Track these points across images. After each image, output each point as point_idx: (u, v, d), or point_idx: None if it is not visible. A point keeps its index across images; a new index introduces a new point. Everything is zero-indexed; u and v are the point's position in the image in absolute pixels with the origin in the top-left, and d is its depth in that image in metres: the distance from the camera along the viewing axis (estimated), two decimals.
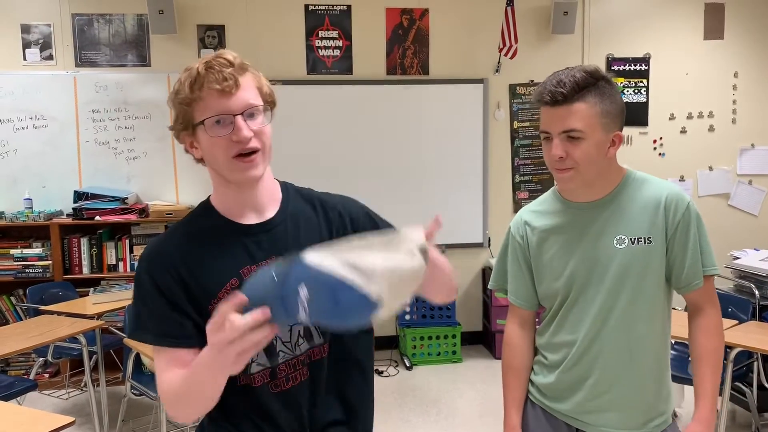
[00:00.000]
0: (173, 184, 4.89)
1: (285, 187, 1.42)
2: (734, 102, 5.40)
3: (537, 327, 1.77)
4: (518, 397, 1.74)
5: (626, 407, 1.59)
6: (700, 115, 5.36)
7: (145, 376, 3.49)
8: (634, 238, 1.56)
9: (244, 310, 1.03)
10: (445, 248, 5.08)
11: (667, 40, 5.29)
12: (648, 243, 1.55)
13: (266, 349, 1.26)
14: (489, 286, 1.86)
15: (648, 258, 1.55)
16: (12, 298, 4.63)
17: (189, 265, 1.27)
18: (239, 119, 1.22)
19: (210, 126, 1.22)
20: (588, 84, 1.48)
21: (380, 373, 4.69)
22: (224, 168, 1.26)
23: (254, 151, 1.26)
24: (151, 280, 1.27)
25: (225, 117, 1.22)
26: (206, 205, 1.36)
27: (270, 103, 1.31)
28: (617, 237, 1.56)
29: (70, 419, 2.17)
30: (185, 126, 1.26)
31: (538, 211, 1.70)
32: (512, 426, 1.72)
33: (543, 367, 1.71)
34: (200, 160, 1.32)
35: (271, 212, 1.35)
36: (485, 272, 5.25)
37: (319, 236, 1.34)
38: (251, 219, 1.33)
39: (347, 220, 1.39)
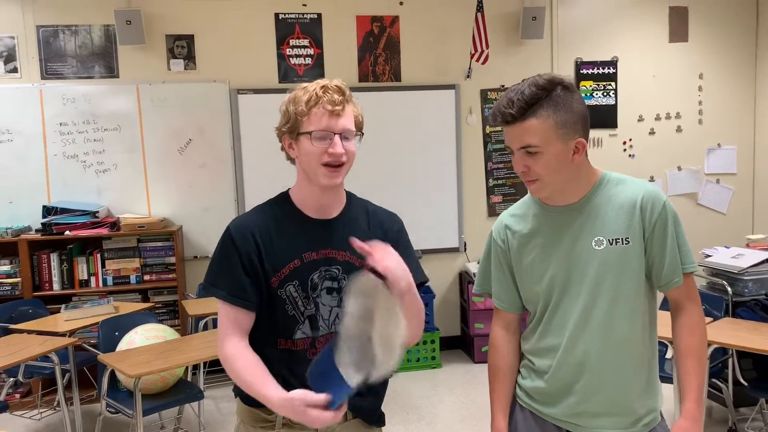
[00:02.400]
0: (144, 197, 4.81)
1: (349, 195, 1.72)
2: (700, 103, 5.51)
3: (522, 332, 1.77)
4: (504, 400, 1.74)
5: (615, 408, 1.60)
6: (668, 116, 5.46)
7: (120, 393, 3.42)
8: (612, 239, 1.57)
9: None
10: (421, 254, 5.08)
11: (633, 43, 5.38)
12: (626, 243, 1.56)
13: (311, 322, 1.57)
14: (474, 290, 1.85)
15: (626, 258, 1.56)
16: None
17: (264, 241, 1.56)
18: (337, 138, 1.53)
19: (315, 137, 1.52)
20: (538, 98, 1.48)
21: None
22: (314, 171, 1.55)
23: (341, 165, 1.55)
24: (234, 246, 1.56)
25: (328, 133, 1.52)
26: (285, 196, 1.66)
27: (360, 130, 1.60)
28: (595, 239, 1.57)
29: None
30: (291, 131, 1.56)
31: (518, 215, 1.71)
32: (499, 429, 1.72)
33: (531, 371, 1.71)
34: (291, 159, 1.63)
35: (335, 213, 1.64)
36: (462, 276, 5.26)
37: (369, 237, 1.56)
38: (319, 215, 1.62)
39: (387, 229, 1.68)
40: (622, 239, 1.56)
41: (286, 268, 1.56)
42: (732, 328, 3.20)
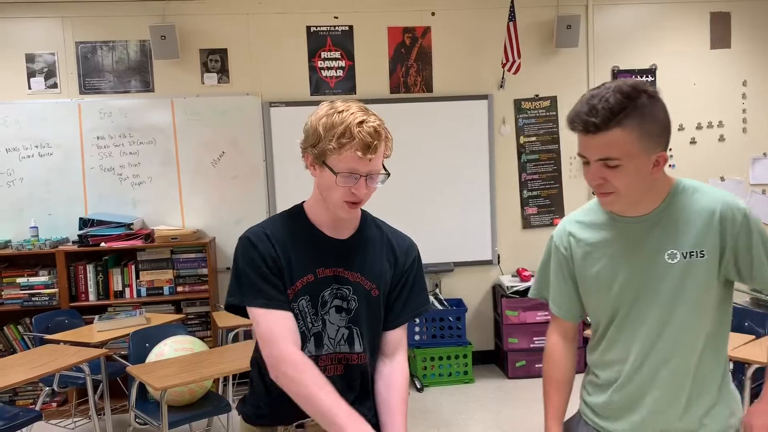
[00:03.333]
0: (179, 209, 4.87)
1: (364, 216, 1.69)
2: (744, 111, 5.32)
3: (589, 343, 1.70)
4: (559, 410, 1.69)
5: (685, 425, 1.52)
6: (710, 125, 5.29)
7: (149, 405, 3.44)
8: (686, 253, 1.48)
9: None
10: (454, 267, 5.02)
11: (673, 50, 5.23)
12: (701, 256, 1.47)
13: (316, 340, 1.55)
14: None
15: (701, 272, 1.48)
16: (19, 327, 4.61)
17: (284, 251, 1.54)
18: (362, 180, 1.49)
19: (341, 177, 1.48)
20: (623, 107, 1.36)
21: None
22: (332, 203, 1.53)
23: (361, 201, 1.53)
24: (257, 251, 1.52)
25: (354, 175, 1.48)
26: (300, 210, 1.63)
27: (386, 157, 1.56)
28: (668, 252, 1.49)
29: None
30: (316, 157, 1.50)
31: (584, 223, 1.63)
32: None
33: (595, 386, 1.65)
34: (310, 172, 1.57)
35: (349, 233, 1.62)
36: (495, 290, 5.17)
37: (380, 262, 1.62)
38: (333, 234, 1.60)
39: (402, 256, 1.67)
40: (697, 252, 1.47)
41: (299, 282, 1.55)
42: None
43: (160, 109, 4.83)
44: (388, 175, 1.55)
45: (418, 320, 4.86)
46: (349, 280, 1.58)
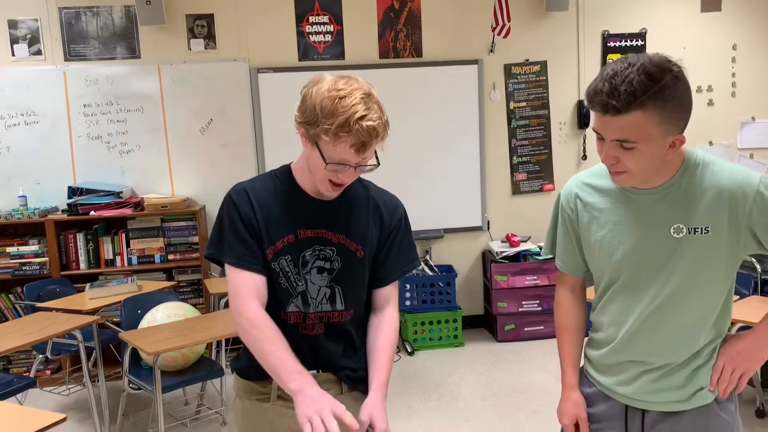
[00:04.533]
0: (168, 177, 4.85)
1: None
2: (733, 75, 5.32)
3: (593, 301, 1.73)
4: (574, 356, 1.72)
5: (674, 385, 1.55)
6: (699, 90, 5.29)
7: (143, 371, 3.48)
8: (692, 228, 1.47)
9: None
10: (444, 233, 5.05)
11: (663, 13, 5.20)
12: (705, 232, 1.46)
13: (303, 298, 1.59)
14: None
15: (706, 249, 1.46)
16: (11, 296, 4.62)
17: (263, 210, 1.57)
18: (351, 170, 1.50)
19: (330, 166, 1.48)
20: (646, 90, 1.30)
21: None
22: (317, 180, 1.54)
23: (344, 185, 1.55)
24: (237, 210, 1.55)
25: (344, 165, 1.48)
26: (287, 171, 1.64)
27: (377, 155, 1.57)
28: (674, 226, 1.48)
29: (62, 416, 2.15)
30: (309, 137, 1.49)
31: (592, 185, 1.62)
32: (570, 385, 1.70)
33: (593, 341, 1.69)
34: (302, 141, 1.55)
35: (335, 194, 1.60)
36: (485, 255, 5.21)
37: (366, 223, 1.64)
38: (318, 195, 1.60)
39: (387, 216, 1.68)
40: (702, 228, 1.46)
41: (280, 241, 1.57)
42: (760, 306, 3.10)
43: (147, 76, 4.77)
44: (378, 165, 1.55)
45: (408, 286, 4.90)
46: (333, 241, 1.60)
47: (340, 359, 1.65)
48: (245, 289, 1.53)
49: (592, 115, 1.42)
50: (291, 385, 1.46)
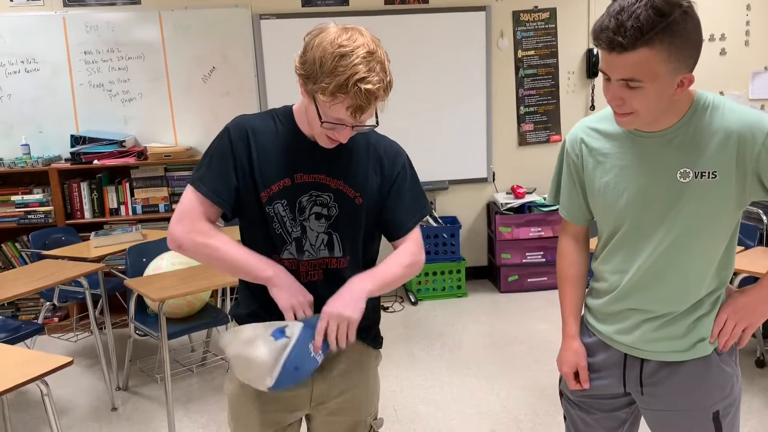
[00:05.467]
0: (170, 126, 4.81)
1: None
2: (747, 23, 5.19)
3: (595, 250, 1.71)
4: (575, 306, 1.71)
5: (671, 333, 1.54)
6: (712, 38, 5.16)
7: (149, 318, 3.52)
8: (699, 172, 1.43)
9: None
10: (448, 184, 5.03)
11: None
12: (713, 177, 1.43)
13: (297, 245, 1.56)
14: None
15: (712, 194, 1.44)
16: (17, 244, 4.65)
17: (259, 150, 1.53)
18: (348, 129, 1.46)
19: (326, 123, 1.44)
20: (654, 26, 1.25)
21: (386, 308, 4.71)
22: (315, 131, 1.50)
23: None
24: (230, 142, 1.53)
25: (340, 124, 1.44)
26: (289, 114, 1.59)
27: (378, 112, 1.50)
28: (681, 170, 1.45)
29: (68, 359, 2.18)
30: (308, 90, 1.44)
31: (598, 130, 1.58)
32: (570, 334, 1.70)
33: (594, 290, 1.68)
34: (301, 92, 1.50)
35: (332, 146, 1.55)
36: (489, 207, 5.19)
37: (365, 170, 1.60)
38: (317, 140, 1.54)
39: (389, 163, 1.64)
40: (708, 173, 1.42)
41: (275, 185, 1.54)
42: (764, 257, 3.09)
43: (148, 22, 4.68)
44: (377, 124, 1.50)
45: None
46: (330, 187, 1.56)
47: None
48: (197, 209, 1.51)
49: (600, 55, 1.38)
50: (265, 274, 1.49)
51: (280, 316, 1.53)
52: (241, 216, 1.60)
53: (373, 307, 1.67)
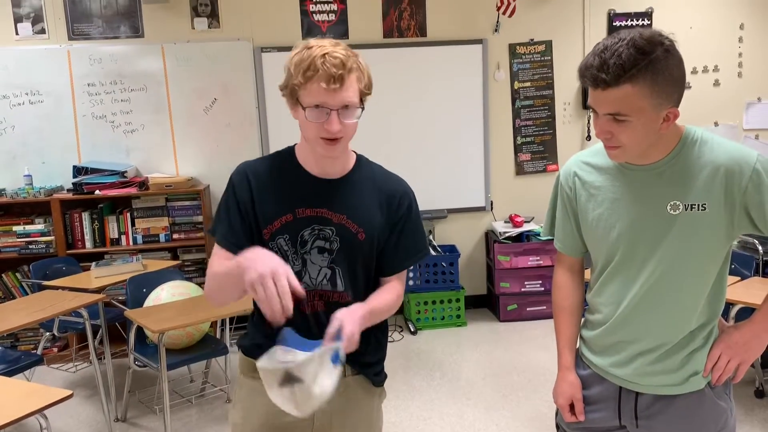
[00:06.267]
0: (172, 156, 4.87)
1: (359, 159, 1.67)
2: (740, 55, 5.28)
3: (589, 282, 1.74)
4: (571, 337, 1.73)
5: (665, 367, 1.56)
6: (705, 70, 5.25)
7: (148, 348, 3.52)
8: (689, 205, 1.47)
9: None
10: (447, 213, 5.07)
11: None
12: (702, 209, 1.46)
13: (298, 278, 1.48)
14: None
15: (701, 226, 1.47)
16: (17, 274, 4.66)
17: (260, 190, 1.57)
18: (334, 114, 1.46)
19: (310, 112, 1.47)
20: (636, 63, 1.31)
21: None
22: (311, 141, 1.53)
23: (339, 138, 1.50)
24: (233, 191, 1.59)
25: (323, 109, 1.46)
26: (291, 151, 1.65)
27: (367, 95, 1.54)
28: (671, 203, 1.48)
29: (68, 392, 2.19)
30: (291, 97, 1.51)
31: (590, 164, 1.63)
32: (566, 366, 1.71)
33: (588, 322, 1.70)
34: (293, 115, 1.56)
35: (338, 174, 1.61)
36: (488, 236, 5.22)
37: (369, 206, 1.61)
38: (321, 174, 1.60)
39: (395, 203, 1.64)
40: (698, 205, 1.46)
41: (278, 221, 1.56)
42: (761, 287, 3.11)
43: (151, 55, 4.76)
44: (363, 108, 1.52)
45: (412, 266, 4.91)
46: (333, 221, 1.57)
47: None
48: (216, 263, 1.57)
49: (589, 92, 1.44)
50: (235, 263, 1.43)
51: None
52: None
53: (378, 345, 1.68)
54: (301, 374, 1.37)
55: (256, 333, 1.64)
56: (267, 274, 1.32)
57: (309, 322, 1.59)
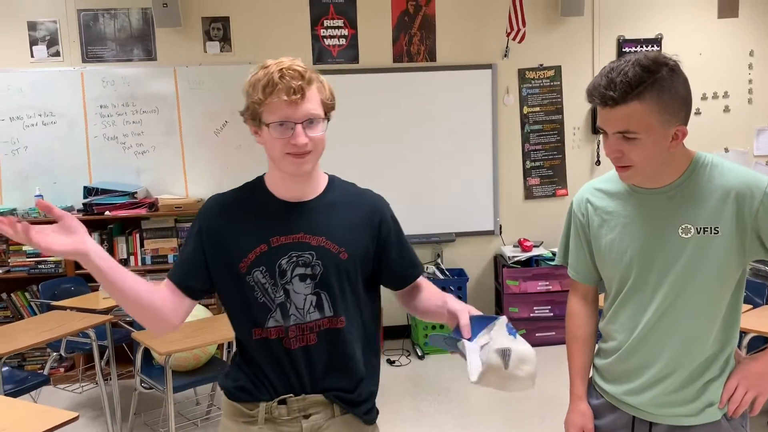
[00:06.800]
0: (182, 178, 4.90)
1: (331, 179, 1.62)
2: (750, 81, 5.28)
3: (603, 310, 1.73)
4: (583, 367, 1.72)
5: (680, 396, 1.54)
6: (715, 96, 5.25)
7: (154, 370, 3.51)
8: (700, 228, 1.47)
9: None
10: (455, 237, 5.05)
11: (679, 19, 5.17)
12: (715, 233, 1.46)
13: (282, 310, 1.49)
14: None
15: (715, 249, 1.46)
16: (26, 293, 4.68)
17: (231, 225, 1.52)
18: (299, 127, 1.42)
19: (274, 128, 1.43)
20: (642, 81, 1.36)
21: (392, 362, 4.67)
22: (278, 160, 1.47)
23: (307, 152, 1.45)
24: (199, 227, 1.54)
25: (287, 123, 1.42)
26: (260, 181, 1.59)
27: (331, 109, 1.51)
28: (683, 226, 1.48)
29: (74, 414, 2.18)
30: (253, 118, 1.47)
31: (602, 190, 1.64)
32: (578, 396, 1.70)
33: (601, 350, 1.69)
34: (257, 140, 1.52)
35: (311, 196, 1.56)
36: (497, 260, 5.20)
37: (348, 224, 1.55)
38: (293, 198, 1.54)
39: (377, 217, 1.60)
40: (711, 228, 1.46)
41: (252, 253, 1.50)
42: None
43: (163, 78, 4.82)
44: (328, 119, 1.49)
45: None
46: (311, 244, 1.51)
47: (330, 376, 1.53)
48: (169, 290, 1.52)
49: (598, 113, 1.46)
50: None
51: (267, 394, 1.51)
52: (222, 293, 1.56)
53: (371, 379, 1.61)
54: (504, 347, 1.40)
55: (240, 375, 1.56)
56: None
57: (292, 362, 1.51)
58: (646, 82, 1.36)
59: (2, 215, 1.32)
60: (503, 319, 1.43)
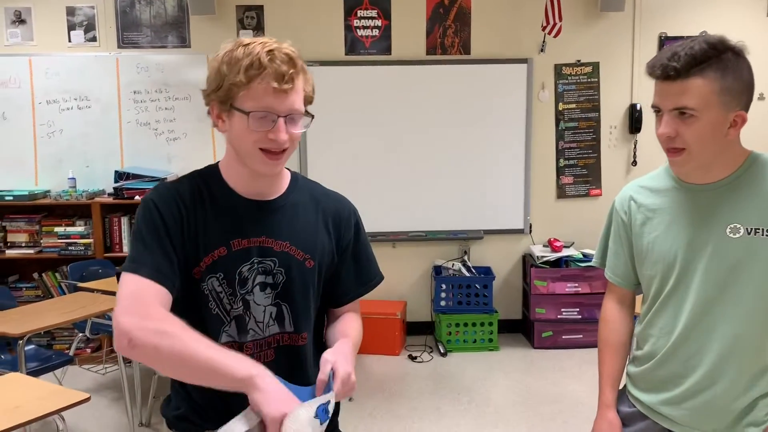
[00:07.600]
0: None
1: (294, 177, 1.45)
2: None
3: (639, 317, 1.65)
4: (614, 375, 1.65)
5: (722, 409, 1.45)
6: (761, 97, 5.04)
7: None
8: (751, 228, 1.39)
9: None
10: (483, 234, 4.97)
11: (725, 17, 4.98)
12: (765, 235, 1.39)
13: (238, 324, 1.32)
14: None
15: (765, 251, 1.39)
16: (57, 274, 4.76)
17: (190, 222, 1.30)
18: (281, 122, 1.25)
19: (253, 118, 1.24)
20: (707, 57, 1.32)
21: (414, 358, 4.62)
22: (247, 155, 1.29)
23: (283, 150, 1.29)
24: (159, 214, 1.28)
25: (270, 115, 1.25)
26: (215, 171, 1.38)
27: (309, 104, 1.34)
28: (731, 225, 1.41)
29: (86, 395, 2.19)
30: (222, 102, 1.27)
31: (647, 188, 1.57)
32: (606, 404, 1.63)
33: (636, 358, 1.62)
34: (218, 127, 1.33)
35: (274, 195, 1.39)
36: (525, 259, 5.10)
37: (314, 229, 1.40)
38: (254, 196, 1.36)
39: (342, 224, 1.46)
40: (762, 230, 1.39)
41: (209, 257, 1.30)
42: None
43: (196, 65, 4.84)
44: (312, 117, 1.32)
45: (444, 286, 4.83)
46: (274, 250, 1.34)
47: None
48: (152, 297, 1.22)
49: (654, 91, 1.41)
50: (246, 372, 1.14)
51: (210, 422, 1.29)
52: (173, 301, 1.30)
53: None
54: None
55: (181, 402, 1.40)
56: (279, 419, 1.11)
57: None
58: (711, 59, 1.33)
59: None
60: (318, 400, 1.20)
